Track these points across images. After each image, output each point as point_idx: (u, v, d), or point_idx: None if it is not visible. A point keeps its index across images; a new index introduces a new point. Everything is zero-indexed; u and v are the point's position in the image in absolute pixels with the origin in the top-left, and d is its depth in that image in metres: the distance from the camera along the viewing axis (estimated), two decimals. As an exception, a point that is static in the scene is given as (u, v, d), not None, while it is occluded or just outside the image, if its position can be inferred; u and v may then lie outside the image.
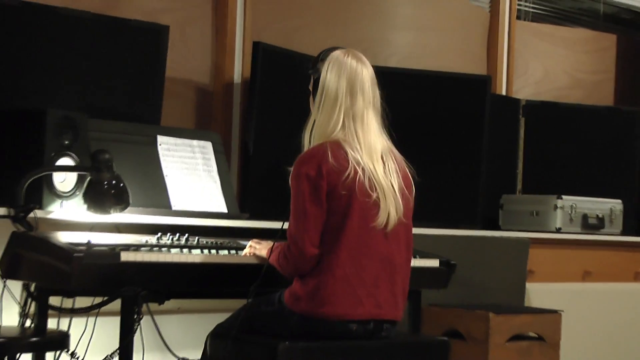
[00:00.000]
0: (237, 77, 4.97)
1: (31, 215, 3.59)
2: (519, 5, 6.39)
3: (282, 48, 4.85)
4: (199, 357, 3.70)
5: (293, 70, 4.38)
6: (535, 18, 6.56)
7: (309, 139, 3.52)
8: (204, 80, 4.94)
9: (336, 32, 5.27)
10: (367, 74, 3.54)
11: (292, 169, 3.43)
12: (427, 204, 3.71)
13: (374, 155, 3.46)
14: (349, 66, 3.51)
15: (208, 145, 4.45)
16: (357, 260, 3.42)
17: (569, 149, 6.10)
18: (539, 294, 5.08)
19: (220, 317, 3.68)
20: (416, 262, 3.68)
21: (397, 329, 3.66)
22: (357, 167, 3.38)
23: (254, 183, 4.68)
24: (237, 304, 3.65)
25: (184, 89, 4.84)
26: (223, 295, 3.90)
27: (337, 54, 3.55)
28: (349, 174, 3.37)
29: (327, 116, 3.48)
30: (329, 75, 3.50)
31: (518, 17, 6.35)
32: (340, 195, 3.38)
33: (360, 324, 3.47)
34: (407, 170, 3.58)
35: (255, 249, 3.67)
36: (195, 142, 4.42)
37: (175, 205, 4.19)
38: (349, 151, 3.40)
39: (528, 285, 5.01)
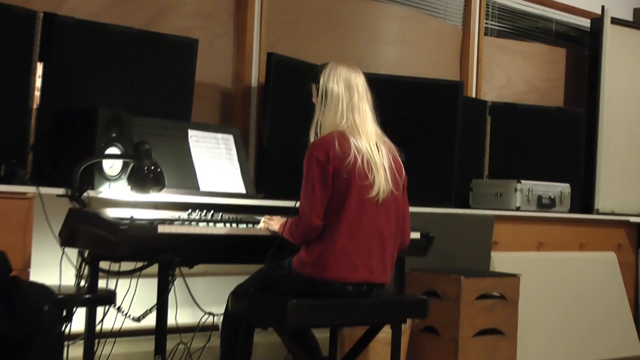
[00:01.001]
0: (254, 82, 4.96)
1: (85, 194, 3.59)
2: (486, 24, 6.36)
3: (291, 58, 4.83)
4: (222, 312, 3.69)
5: (300, 77, 4.34)
6: (500, 34, 6.53)
7: (314, 136, 3.52)
8: (226, 85, 4.92)
9: (336, 46, 5.26)
10: (358, 77, 3.57)
11: (307, 154, 3.43)
12: (410, 187, 3.68)
13: (371, 139, 3.46)
14: (343, 72, 3.54)
15: (230, 138, 4.44)
16: (354, 234, 3.41)
17: (527, 142, 6.10)
18: (502, 261, 5.07)
19: (240, 279, 3.67)
20: (401, 235, 3.66)
21: (385, 290, 3.65)
22: (358, 155, 3.40)
23: (267, 169, 4.66)
24: (254, 268, 3.65)
25: (210, 92, 4.82)
26: (242, 261, 3.90)
27: (331, 64, 3.60)
28: (350, 160, 3.37)
29: (331, 112, 3.48)
30: (328, 81, 3.52)
31: (485, 34, 6.33)
32: (342, 178, 3.37)
33: (355, 286, 3.47)
34: (397, 154, 3.57)
35: (268, 223, 3.66)
36: (219, 135, 4.41)
37: (203, 187, 4.18)
38: (352, 140, 3.41)
39: (493, 253, 5.00)
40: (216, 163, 4.31)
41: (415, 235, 4.17)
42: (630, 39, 6.74)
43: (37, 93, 3.91)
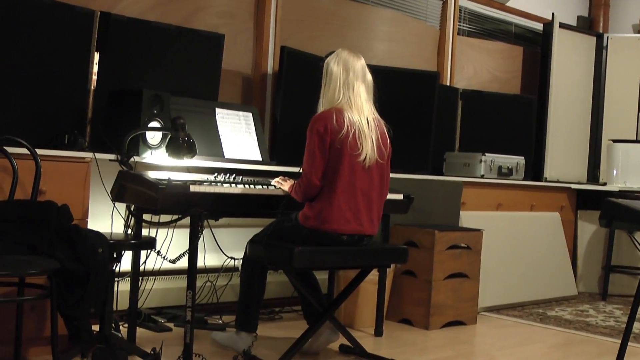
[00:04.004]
0: (269, 70, 4.92)
1: (131, 159, 3.57)
2: (459, 25, 6.30)
3: (300, 51, 4.80)
4: (242, 256, 3.69)
5: (308, 67, 4.32)
6: (470, 34, 6.48)
7: (320, 108, 3.50)
8: (247, 72, 4.89)
9: (337, 41, 5.21)
10: (358, 61, 3.53)
11: (308, 124, 3.41)
12: (395, 157, 3.67)
13: (362, 114, 3.43)
14: (344, 56, 3.50)
15: (249, 115, 4.42)
16: (347, 194, 3.40)
17: (490, 122, 6.08)
18: (468, 218, 5.06)
19: (256, 230, 3.67)
20: (388, 196, 3.64)
21: (373, 240, 3.64)
22: (350, 128, 3.37)
23: (279, 141, 4.65)
24: (267, 221, 3.64)
25: (233, 77, 4.79)
26: (258, 215, 3.89)
27: (338, 50, 3.55)
28: (343, 133, 3.35)
29: (331, 89, 3.45)
30: (331, 63, 3.49)
31: (458, 34, 6.27)
32: (336, 147, 3.35)
33: (349, 236, 3.47)
34: (384, 129, 3.55)
35: (281, 184, 3.65)
36: (240, 112, 4.39)
37: (227, 155, 4.17)
38: (347, 114, 3.38)
39: (461, 212, 4.99)
40: (238, 135, 4.29)
41: (399, 196, 4.16)
42: (574, 40, 6.70)
43: (94, 77, 3.89)
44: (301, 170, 3.45)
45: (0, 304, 3.19)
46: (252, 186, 3.61)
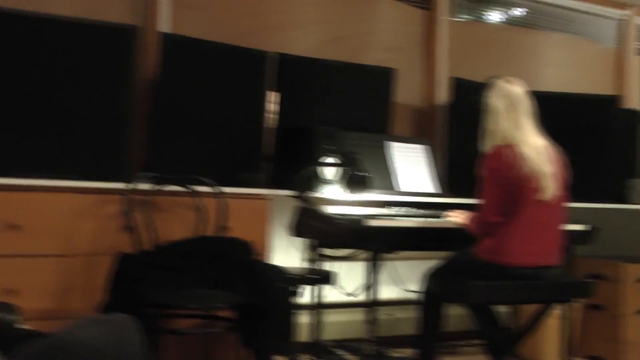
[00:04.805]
0: (440, 101, 4.89)
1: (308, 195, 3.63)
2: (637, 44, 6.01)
3: (471, 80, 4.73)
4: (420, 289, 3.65)
5: (479, 96, 4.25)
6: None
7: (484, 144, 3.43)
8: (418, 104, 4.88)
9: (506, 68, 5.09)
10: (519, 91, 3.42)
11: (481, 163, 3.34)
12: (575, 185, 3.52)
13: (533, 148, 3.33)
14: (505, 88, 3.40)
15: (422, 147, 4.39)
16: (525, 227, 3.31)
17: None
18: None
19: (434, 262, 3.62)
20: (569, 227, 3.50)
21: (554, 273, 3.50)
22: (524, 163, 3.27)
23: (453, 172, 4.59)
24: (444, 254, 3.59)
25: (405, 110, 4.79)
26: (434, 248, 3.83)
27: (495, 82, 3.48)
28: (518, 169, 3.27)
29: (497, 127, 3.38)
30: (491, 98, 3.41)
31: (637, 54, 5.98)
32: (513, 185, 3.28)
33: (527, 269, 3.35)
34: (560, 158, 3.43)
35: (456, 217, 3.59)
36: (413, 145, 4.37)
37: (402, 188, 4.16)
38: (518, 151, 3.29)
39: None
40: (411, 168, 4.28)
41: (580, 227, 3.99)
42: None
43: (270, 115, 4.02)
44: (478, 202, 3.39)
45: (189, 335, 3.33)
46: (428, 219, 3.58)
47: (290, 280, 3.24)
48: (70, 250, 3.15)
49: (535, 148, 3.34)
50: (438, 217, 3.62)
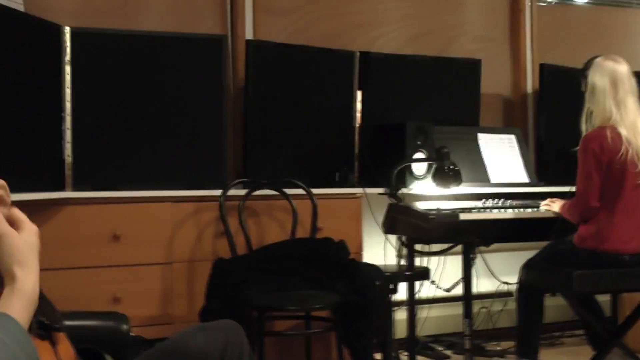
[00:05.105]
0: (529, 89, 4.82)
1: (399, 191, 3.65)
2: None
3: (560, 66, 4.64)
4: (515, 281, 3.62)
5: (570, 82, 4.18)
6: None
7: (585, 126, 3.36)
8: (506, 93, 4.82)
9: (599, 51, 4.90)
10: (622, 68, 3.33)
11: (579, 145, 3.28)
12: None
13: (637, 131, 3.24)
14: (608, 66, 3.32)
15: (512, 137, 4.34)
16: (627, 213, 3.24)
17: None
18: None
19: (528, 253, 3.59)
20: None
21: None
22: (628, 146, 3.20)
23: (545, 161, 4.52)
24: (540, 244, 3.55)
25: (493, 100, 4.74)
26: (529, 239, 3.79)
27: (598, 60, 3.38)
28: (622, 154, 3.19)
29: (599, 105, 3.30)
30: (594, 76, 3.33)
31: None
32: (615, 168, 3.20)
33: (631, 256, 3.27)
34: None
35: (550, 206, 3.54)
36: (503, 135, 4.33)
37: (493, 179, 4.13)
38: (622, 132, 3.21)
39: None
40: (502, 159, 4.24)
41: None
42: None
43: (358, 114, 4.05)
44: (573, 190, 3.33)
45: (290, 337, 3.41)
46: (521, 210, 3.54)
47: (388, 279, 3.27)
48: (170, 258, 3.27)
49: (638, 129, 3.26)
50: (532, 207, 3.58)
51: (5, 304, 1.15)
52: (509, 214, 3.49)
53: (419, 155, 3.79)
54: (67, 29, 3.35)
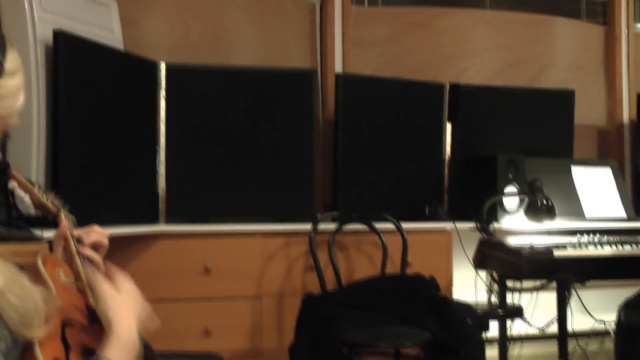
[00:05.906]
0: (625, 119, 4.68)
1: (491, 226, 3.58)
2: None
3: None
4: (610, 319, 3.50)
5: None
6: None
7: None
8: (601, 124, 4.69)
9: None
10: None
11: None
12: None
13: None
14: None
15: (608, 169, 4.22)
16: None
17: None
18: None
19: (627, 291, 3.46)
20: None
21: None
22: None
23: (642, 193, 4.38)
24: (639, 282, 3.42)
25: (587, 131, 4.62)
26: (629, 276, 3.66)
27: None
28: None
29: None
30: None
31: None
32: None
33: None
34: None
35: (647, 242, 3.42)
36: (598, 168, 4.21)
37: (588, 214, 4.01)
38: None
39: None
40: (597, 192, 4.12)
41: None
42: None
43: (448, 147, 4.01)
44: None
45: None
46: (619, 246, 3.42)
47: (480, 317, 3.20)
48: (260, 292, 3.29)
49: None
50: (630, 242, 3.46)
51: (106, 348, 1.28)
52: (607, 250, 3.37)
53: (510, 188, 3.72)
54: (163, 65, 3.43)
